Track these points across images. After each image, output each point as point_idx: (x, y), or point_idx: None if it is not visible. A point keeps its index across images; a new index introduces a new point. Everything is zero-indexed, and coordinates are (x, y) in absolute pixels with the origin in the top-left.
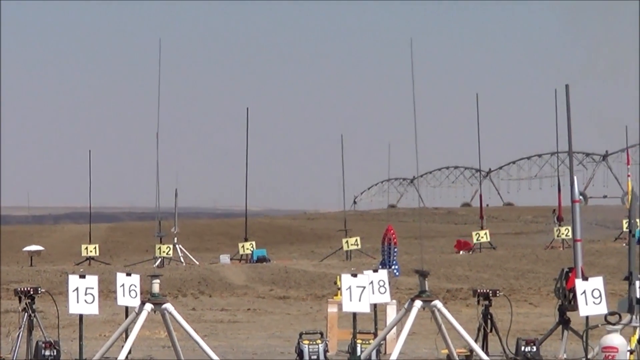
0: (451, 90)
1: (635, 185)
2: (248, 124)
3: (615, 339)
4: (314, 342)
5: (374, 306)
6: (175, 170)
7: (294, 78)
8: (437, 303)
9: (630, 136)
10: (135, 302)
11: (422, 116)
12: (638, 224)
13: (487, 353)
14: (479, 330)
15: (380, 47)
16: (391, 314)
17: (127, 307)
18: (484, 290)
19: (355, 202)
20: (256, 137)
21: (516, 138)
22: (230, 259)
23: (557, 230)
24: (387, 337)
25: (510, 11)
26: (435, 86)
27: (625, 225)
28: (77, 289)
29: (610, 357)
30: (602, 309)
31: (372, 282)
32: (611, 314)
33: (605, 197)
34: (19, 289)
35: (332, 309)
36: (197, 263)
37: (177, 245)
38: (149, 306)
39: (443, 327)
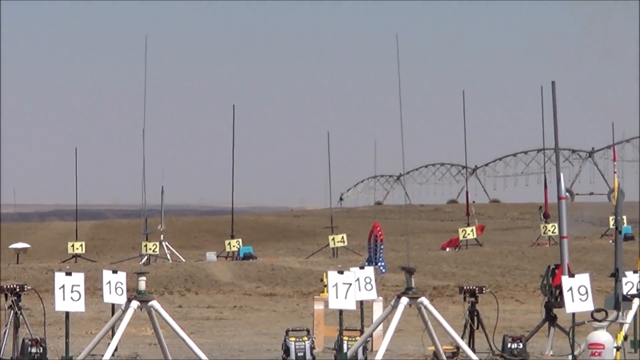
0: (438, 86)
1: (621, 182)
2: (234, 121)
3: (601, 336)
4: (301, 339)
5: (361, 303)
6: (161, 167)
7: (280, 75)
8: (424, 300)
9: (617, 133)
10: (121, 300)
11: (409, 113)
12: (624, 220)
13: (473, 350)
14: (465, 327)
15: (366, 43)
16: (377, 311)
17: (113, 305)
18: (471, 287)
19: (341, 199)
20: (243, 134)
21: (502, 135)
22: (217, 256)
23: (543, 227)
24: (374, 334)
25: (498, 8)
26: (421, 83)
27: (611, 222)
28: (63, 286)
29: (596, 354)
30: (589, 305)
31: (358, 279)
32: (597, 310)
33: (591, 194)
34: (5, 287)
35: (319, 306)
36: (184, 260)
37: (163, 243)
38: (135, 304)
39: (429, 324)
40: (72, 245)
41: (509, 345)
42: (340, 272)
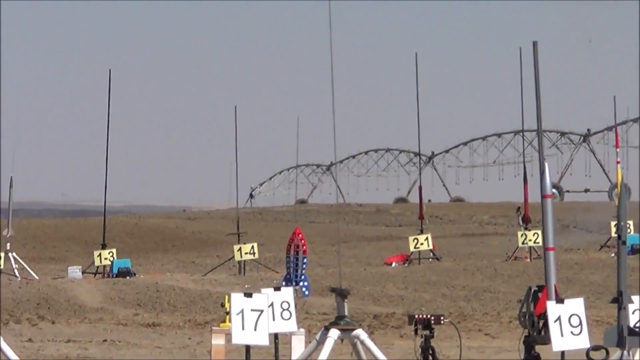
0: (383, 48)
1: (626, 174)
2: (110, 92)
3: None
4: None
5: (275, 337)
6: (11, 155)
7: (164, 38)
8: (360, 333)
9: (620, 110)
10: None
11: (342, 83)
12: (631, 227)
13: None
14: None
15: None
16: (298, 347)
17: None
18: (424, 316)
19: (252, 197)
20: (119, 110)
21: (468, 113)
22: (82, 273)
23: (522, 235)
24: None
25: None
26: (360, 43)
27: (613, 229)
28: None
29: None
30: (583, 341)
31: (272, 304)
32: (595, 348)
33: (587, 190)
34: None
35: (218, 341)
36: (37, 278)
37: (10, 254)
38: None
39: None
40: None
41: None
42: (249, 295)
